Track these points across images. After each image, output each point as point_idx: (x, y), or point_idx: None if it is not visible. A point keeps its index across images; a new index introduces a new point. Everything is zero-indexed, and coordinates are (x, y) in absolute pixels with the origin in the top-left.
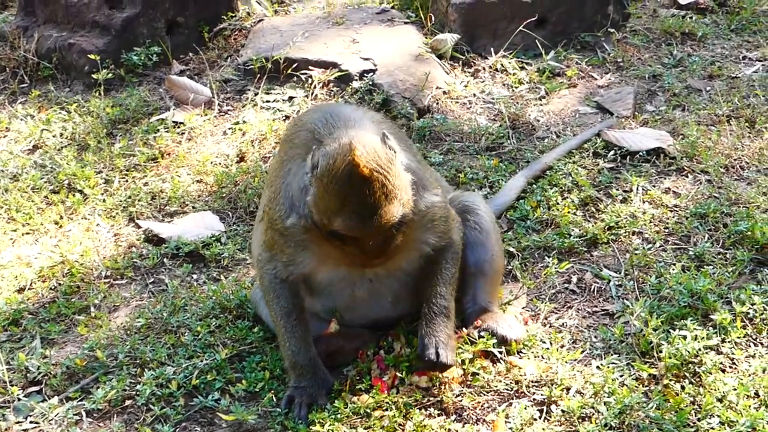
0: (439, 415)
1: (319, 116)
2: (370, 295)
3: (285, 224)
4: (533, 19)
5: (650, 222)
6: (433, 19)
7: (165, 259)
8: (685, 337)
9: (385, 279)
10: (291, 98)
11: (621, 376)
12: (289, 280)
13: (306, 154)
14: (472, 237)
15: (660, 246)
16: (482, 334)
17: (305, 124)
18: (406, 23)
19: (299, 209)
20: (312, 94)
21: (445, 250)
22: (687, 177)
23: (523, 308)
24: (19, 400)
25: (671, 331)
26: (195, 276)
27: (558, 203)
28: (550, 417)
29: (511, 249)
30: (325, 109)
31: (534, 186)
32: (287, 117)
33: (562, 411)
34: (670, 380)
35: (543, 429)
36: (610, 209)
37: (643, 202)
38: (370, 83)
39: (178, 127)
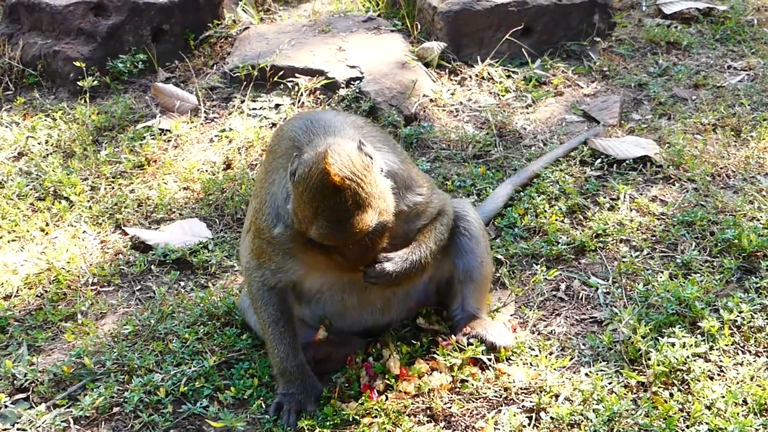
0: (428, 422)
1: (300, 124)
2: (360, 302)
3: (272, 234)
4: (519, 27)
5: (637, 230)
6: (419, 27)
7: (152, 266)
8: (673, 345)
9: (375, 287)
10: (277, 106)
11: (610, 383)
12: (277, 288)
13: (288, 163)
14: (462, 243)
15: (647, 254)
16: (471, 341)
17: (286, 133)
18: (392, 31)
19: (285, 218)
20: (299, 101)
21: (436, 218)
22: (674, 185)
23: (511, 315)
24: (6, 407)
25: (659, 338)
26: (182, 283)
27: (545, 211)
28: (539, 424)
29: (499, 256)
30: (306, 116)
31: (521, 194)
32: (274, 124)
33: (551, 418)
34: (659, 387)
35: None
36: (597, 217)
37: (630, 210)
38: (357, 91)
39: (164, 135)
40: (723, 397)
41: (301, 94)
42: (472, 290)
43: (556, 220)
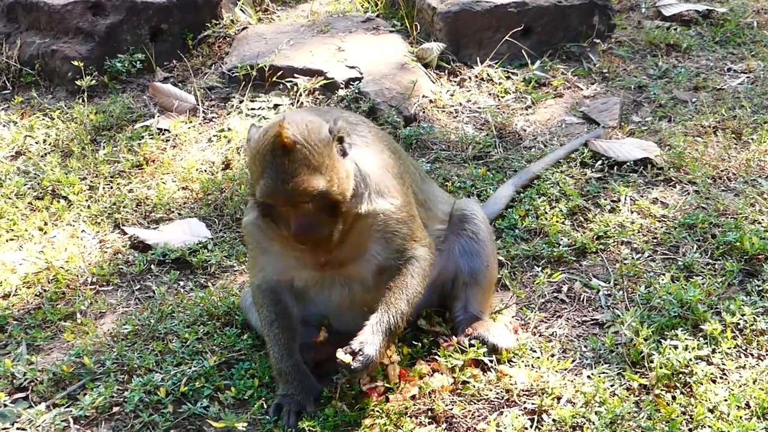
0: (429, 423)
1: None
2: (351, 302)
3: (245, 223)
4: (519, 29)
5: (639, 232)
6: (418, 27)
7: (152, 266)
8: (675, 347)
9: (355, 287)
10: (276, 106)
11: (612, 385)
12: (269, 288)
13: None
14: (469, 246)
15: (649, 256)
16: (473, 342)
17: None
18: (391, 32)
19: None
20: (297, 101)
21: (407, 264)
22: (674, 187)
23: (513, 317)
24: (5, 406)
25: (661, 341)
26: (182, 283)
27: (546, 212)
28: (542, 426)
29: (501, 258)
30: (311, 109)
31: (522, 195)
32: None
33: (554, 420)
34: (661, 390)
35: None
36: (598, 219)
37: (631, 212)
38: (357, 91)
39: (163, 134)
40: (726, 400)
41: (300, 95)
42: (477, 293)
43: (556, 221)
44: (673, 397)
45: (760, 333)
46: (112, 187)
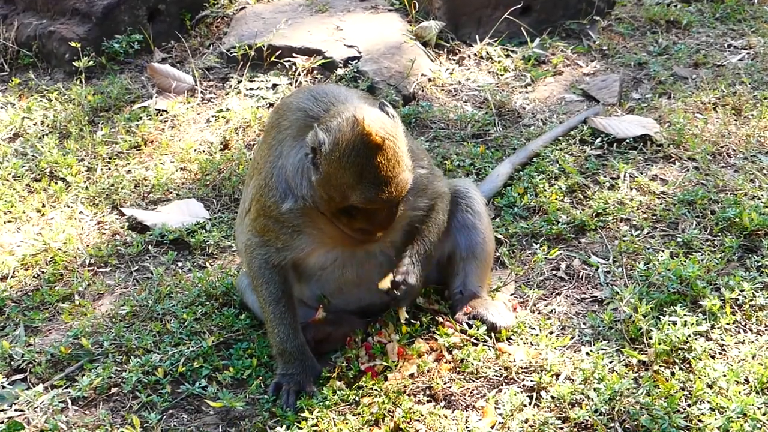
0: (428, 401)
1: (306, 96)
2: (359, 278)
3: (280, 210)
4: (518, 6)
5: (638, 209)
6: (417, 6)
7: (149, 247)
8: (674, 324)
9: (374, 259)
10: (275, 86)
11: (611, 362)
12: (280, 266)
13: (298, 134)
14: (464, 220)
15: (648, 233)
16: (471, 321)
17: (291, 105)
18: (390, 10)
19: (297, 190)
20: (296, 81)
21: (434, 205)
22: (674, 164)
23: (511, 295)
24: (3, 387)
25: (660, 317)
26: (180, 263)
27: (545, 190)
28: (540, 403)
29: (499, 236)
30: (310, 89)
31: (521, 173)
32: (271, 104)
33: (552, 397)
34: (660, 366)
35: (533, 415)
36: (597, 196)
37: (631, 189)
38: (355, 70)
39: (161, 115)
40: (724, 375)
41: (299, 74)
42: (475, 268)
43: (555, 199)
44: (672, 373)
45: (759, 308)
46: (110, 169)
